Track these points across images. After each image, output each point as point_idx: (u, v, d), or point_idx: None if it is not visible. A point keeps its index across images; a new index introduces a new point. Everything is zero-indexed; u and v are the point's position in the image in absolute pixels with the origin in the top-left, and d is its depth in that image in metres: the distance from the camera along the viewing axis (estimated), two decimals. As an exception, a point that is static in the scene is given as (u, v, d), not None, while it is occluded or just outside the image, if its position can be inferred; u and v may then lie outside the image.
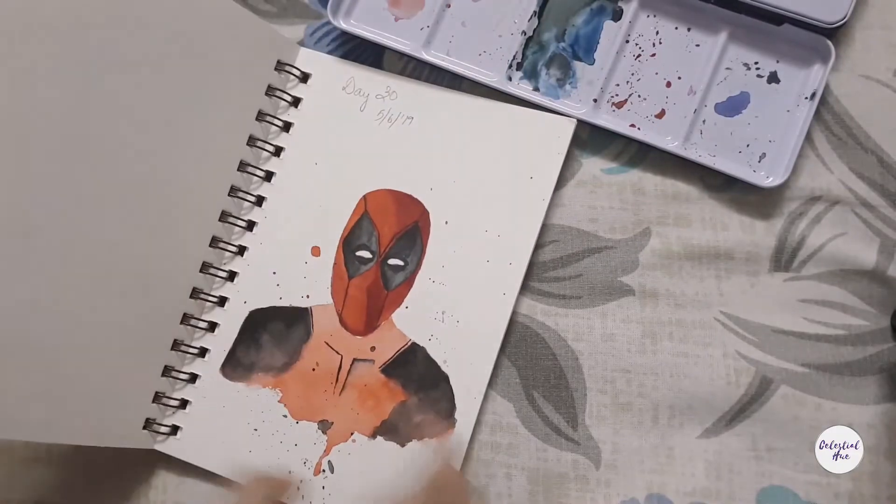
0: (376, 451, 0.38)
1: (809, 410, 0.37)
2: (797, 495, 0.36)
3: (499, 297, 0.39)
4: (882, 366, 0.37)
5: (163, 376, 0.39)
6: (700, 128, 0.39)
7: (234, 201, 0.41)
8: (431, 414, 0.38)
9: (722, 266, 0.38)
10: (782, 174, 0.38)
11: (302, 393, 0.39)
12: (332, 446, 0.38)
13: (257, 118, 0.41)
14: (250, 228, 0.41)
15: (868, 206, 0.38)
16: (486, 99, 0.41)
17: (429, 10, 0.42)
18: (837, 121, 0.39)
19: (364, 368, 0.39)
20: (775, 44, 0.39)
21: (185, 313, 0.40)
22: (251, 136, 0.41)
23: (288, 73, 0.42)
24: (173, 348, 0.39)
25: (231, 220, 0.41)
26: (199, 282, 0.40)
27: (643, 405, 0.38)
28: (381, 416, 0.38)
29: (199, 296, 0.40)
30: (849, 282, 0.38)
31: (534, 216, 0.39)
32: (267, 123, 0.42)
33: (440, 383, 0.38)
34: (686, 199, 0.39)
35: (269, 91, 0.41)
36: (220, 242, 0.40)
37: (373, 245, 0.40)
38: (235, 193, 0.41)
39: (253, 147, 0.41)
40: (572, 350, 0.39)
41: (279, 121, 0.42)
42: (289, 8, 0.45)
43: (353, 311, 0.40)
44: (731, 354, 0.38)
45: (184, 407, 0.40)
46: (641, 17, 0.41)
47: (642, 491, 0.37)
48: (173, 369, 0.39)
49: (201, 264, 0.40)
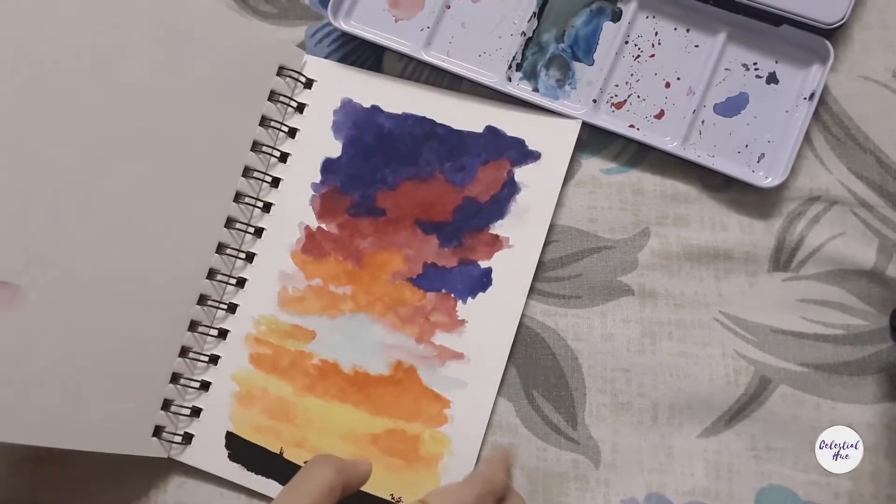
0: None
1: (808, 410, 0.37)
2: (796, 495, 0.36)
3: (506, 303, 0.39)
4: (881, 365, 0.37)
5: (171, 383, 0.39)
6: (699, 128, 0.39)
7: (242, 207, 0.41)
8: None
9: (721, 266, 0.39)
10: (781, 174, 0.38)
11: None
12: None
13: (261, 124, 0.41)
14: (259, 235, 0.41)
15: (867, 207, 0.38)
16: (489, 102, 0.41)
17: (429, 11, 0.42)
18: (836, 121, 0.39)
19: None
20: (774, 44, 0.39)
21: (193, 320, 0.39)
22: (255, 142, 0.41)
23: (293, 78, 0.42)
24: (181, 355, 0.39)
25: (238, 227, 0.41)
26: (207, 289, 0.40)
27: (642, 405, 0.38)
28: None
29: (206, 303, 0.40)
30: (847, 281, 0.38)
31: (540, 220, 0.39)
32: (273, 129, 0.42)
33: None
34: (685, 199, 0.39)
35: (273, 97, 0.41)
36: (228, 249, 0.40)
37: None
38: (241, 199, 0.41)
39: (259, 153, 0.41)
40: (572, 350, 0.39)
41: (285, 126, 0.42)
42: (289, 9, 0.45)
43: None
44: (730, 354, 0.38)
45: (197, 415, 0.40)
46: (640, 17, 0.41)
47: (642, 490, 0.37)
48: (182, 377, 0.39)
49: (208, 271, 0.40)
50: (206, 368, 0.40)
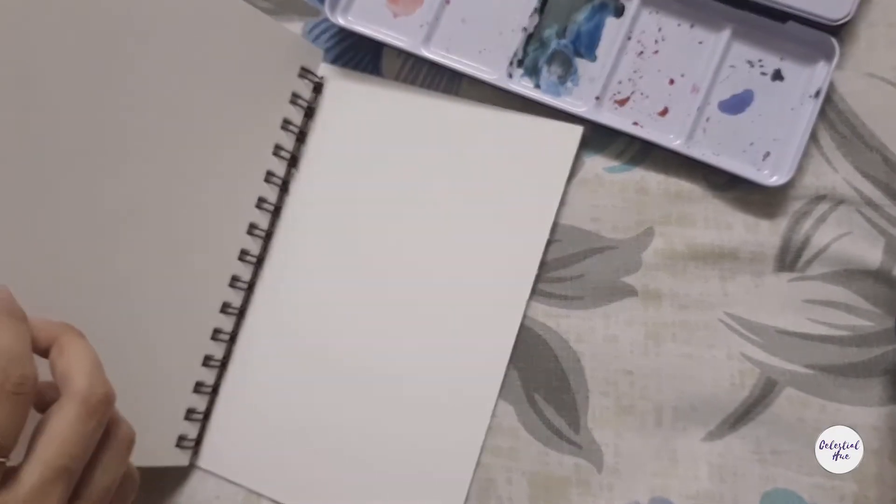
0: None
1: (814, 412, 0.36)
2: (802, 498, 0.35)
3: (507, 310, 0.38)
4: (887, 367, 0.36)
5: (194, 392, 0.38)
6: (703, 126, 0.39)
7: (261, 212, 0.40)
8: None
9: (726, 266, 0.38)
10: (787, 173, 0.37)
11: None
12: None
13: (282, 127, 0.40)
14: (268, 239, 0.41)
15: (873, 206, 0.38)
16: (493, 108, 0.40)
17: (428, 6, 0.41)
18: (842, 119, 0.39)
19: None
20: (779, 41, 0.39)
21: (216, 328, 0.39)
22: (276, 145, 0.40)
23: (310, 80, 0.42)
24: (203, 364, 0.38)
25: (257, 234, 0.40)
26: (230, 296, 0.39)
27: (646, 407, 0.37)
28: None
29: (227, 310, 0.39)
30: (854, 282, 0.37)
31: (541, 226, 0.39)
32: (290, 133, 0.41)
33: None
34: (689, 198, 0.39)
35: (293, 99, 0.41)
36: (248, 256, 0.40)
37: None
38: (261, 205, 0.40)
39: (278, 157, 0.41)
40: (574, 352, 0.38)
41: (296, 129, 0.41)
42: (286, 4, 0.44)
43: None
44: (735, 356, 0.37)
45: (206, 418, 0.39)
46: (644, 13, 0.40)
47: (645, 495, 0.36)
48: (204, 385, 0.39)
49: (230, 278, 0.39)
50: (223, 374, 0.40)
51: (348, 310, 0.40)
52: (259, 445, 0.39)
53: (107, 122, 0.32)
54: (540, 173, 0.39)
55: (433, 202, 0.40)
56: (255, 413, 0.39)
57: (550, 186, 0.39)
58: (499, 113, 0.40)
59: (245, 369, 0.40)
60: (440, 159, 0.41)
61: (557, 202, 0.39)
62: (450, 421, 0.38)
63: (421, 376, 0.38)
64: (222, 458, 0.39)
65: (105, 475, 0.27)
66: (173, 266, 0.36)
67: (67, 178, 0.31)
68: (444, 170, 0.40)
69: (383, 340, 0.39)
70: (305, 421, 0.39)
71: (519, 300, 0.38)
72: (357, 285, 0.40)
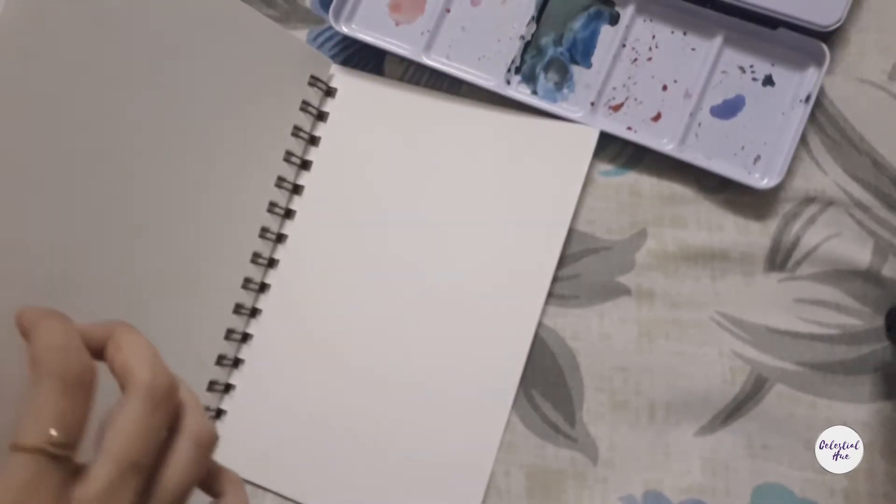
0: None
1: (804, 408, 0.37)
2: (792, 492, 0.36)
3: (522, 314, 0.39)
4: (876, 365, 0.37)
5: (207, 391, 0.39)
6: (696, 130, 0.40)
7: (272, 217, 0.41)
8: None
9: (717, 266, 0.39)
10: (777, 176, 0.38)
11: None
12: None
13: (292, 133, 0.42)
14: (280, 240, 0.42)
15: (862, 208, 0.38)
16: (510, 111, 0.41)
17: (429, 15, 0.43)
18: (832, 123, 0.40)
19: None
20: (770, 47, 0.40)
21: (229, 328, 0.40)
22: (287, 151, 0.41)
23: (320, 88, 0.43)
24: (217, 363, 0.40)
25: (268, 237, 0.41)
26: (242, 297, 0.40)
27: (640, 403, 0.38)
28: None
29: (240, 311, 0.40)
30: (843, 282, 0.38)
31: (557, 230, 0.39)
32: (301, 139, 0.42)
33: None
34: (682, 200, 0.40)
35: (303, 106, 0.42)
36: (259, 258, 0.41)
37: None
38: (272, 209, 0.41)
39: (289, 162, 0.42)
40: (570, 349, 0.39)
41: (307, 134, 0.42)
42: (291, 13, 0.45)
43: None
44: (726, 353, 0.38)
45: (219, 417, 0.40)
46: (638, 21, 0.41)
47: (639, 488, 0.37)
48: (216, 383, 0.40)
49: (243, 280, 0.40)
50: (231, 372, 0.41)
51: (361, 312, 0.40)
52: (271, 443, 0.39)
53: (125, 132, 0.33)
54: (555, 176, 0.40)
55: (448, 204, 0.41)
56: (267, 412, 0.40)
57: (566, 189, 0.39)
58: (515, 115, 0.41)
59: (258, 370, 0.41)
60: (455, 161, 0.41)
61: (574, 205, 0.39)
62: (464, 425, 0.38)
63: (435, 380, 0.39)
64: (235, 454, 0.39)
65: (176, 474, 0.25)
66: (188, 268, 0.37)
67: (89, 184, 0.32)
68: (459, 172, 0.41)
69: (396, 343, 0.40)
70: (318, 420, 0.39)
71: (534, 306, 0.39)
72: (370, 287, 0.40)
